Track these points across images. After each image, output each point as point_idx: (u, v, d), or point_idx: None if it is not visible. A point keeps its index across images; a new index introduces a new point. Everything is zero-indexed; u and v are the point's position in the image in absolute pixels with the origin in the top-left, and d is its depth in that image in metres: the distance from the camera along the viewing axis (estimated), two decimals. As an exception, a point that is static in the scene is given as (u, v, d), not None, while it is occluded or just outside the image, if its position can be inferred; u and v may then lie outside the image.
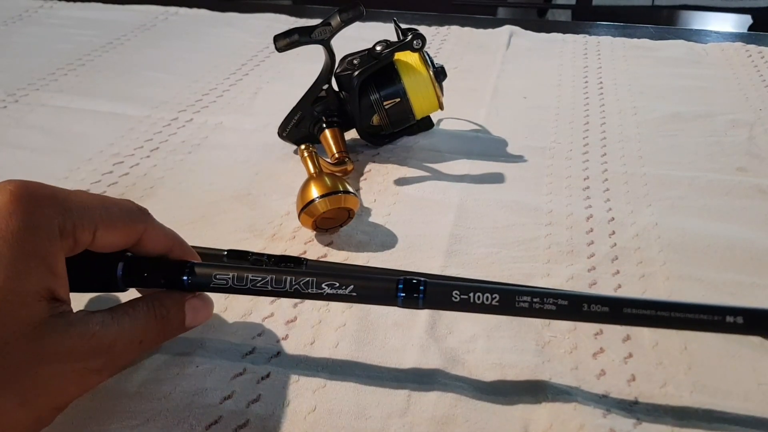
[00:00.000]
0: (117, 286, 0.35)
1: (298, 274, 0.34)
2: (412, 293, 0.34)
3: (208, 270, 0.35)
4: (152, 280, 0.35)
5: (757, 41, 0.87)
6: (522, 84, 0.76)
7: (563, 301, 0.33)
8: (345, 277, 0.34)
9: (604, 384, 0.37)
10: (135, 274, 0.35)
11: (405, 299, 0.34)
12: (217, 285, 0.35)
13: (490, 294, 0.33)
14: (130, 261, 0.35)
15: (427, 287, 0.34)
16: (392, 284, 0.34)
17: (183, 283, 0.35)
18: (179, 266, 0.35)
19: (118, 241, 0.34)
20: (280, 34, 0.53)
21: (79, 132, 0.65)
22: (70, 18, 0.95)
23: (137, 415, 0.35)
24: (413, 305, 0.34)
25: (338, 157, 0.55)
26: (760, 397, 0.37)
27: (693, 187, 0.56)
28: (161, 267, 0.36)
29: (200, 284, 0.35)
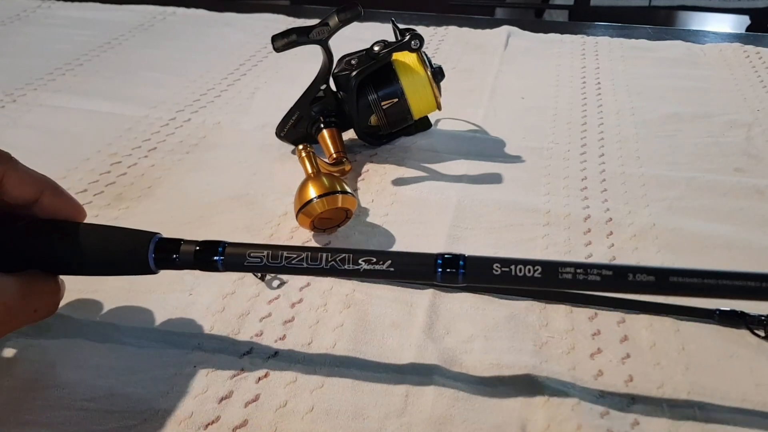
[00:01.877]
0: (149, 268, 0.35)
1: (334, 251, 0.34)
2: (452, 268, 0.33)
3: (241, 249, 0.35)
4: (183, 262, 0.35)
5: (754, 42, 0.87)
6: (520, 84, 0.76)
7: (608, 271, 0.32)
8: (382, 253, 0.33)
9: (602, 384, 0.38)
10: (166, 256, 0.35)
11: (444, 275, 0.33)
12: (251, 263, 0.34)
13: (532, 266, 0.32)
14: (160, 243, 0.35)
15: (467, 261, 0.33)
16: (431, 259, 0.33)
17: (216, 264, 0.34)
18: (211, 247, 0.35)
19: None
20: (277, 35, 0.53)
21: (76, 132, 0.65)
22: (68, 18, 0.95)
23: (135, 415, 0.35)
24: (452, 280, 0.33)
25: (336, 158, 0.55)
26: (757, 397, 0.37)
27: (691, 188, 0.56)
28: (192, 249, 0.35)
29: (234, 264, 0.35)
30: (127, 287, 0.44)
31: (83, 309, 0.42)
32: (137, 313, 0.42)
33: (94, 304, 0.42)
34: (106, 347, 0.39)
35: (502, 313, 0.42)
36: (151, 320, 0.42)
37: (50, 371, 0.38)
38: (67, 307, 0.42)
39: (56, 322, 0.40)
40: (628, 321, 0.42)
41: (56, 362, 0.38)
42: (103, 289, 0.44)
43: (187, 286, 0.44)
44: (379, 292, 0.44)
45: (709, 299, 0.42)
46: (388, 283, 0.44)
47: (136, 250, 0.35)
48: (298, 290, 0.44)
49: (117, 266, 0.36)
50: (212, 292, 0.44)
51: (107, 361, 0.38)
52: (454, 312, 0.43)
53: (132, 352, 0.39)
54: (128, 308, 0.42)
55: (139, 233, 0.36)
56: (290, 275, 0.44)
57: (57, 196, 0.36)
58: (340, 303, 0.43)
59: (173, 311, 0.42)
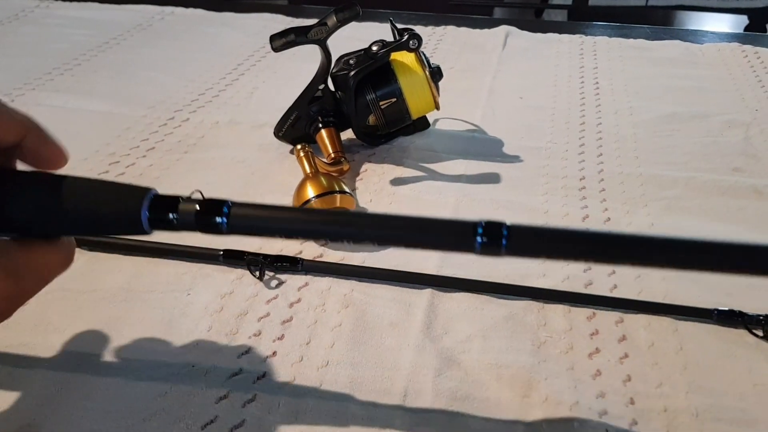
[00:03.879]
0: (141, 227, 0.31)
1: (357, 233, 0.30)
2: (494, 238, 0.28)
3: (249, 212, 0.32)
4: (181, 223, 0.31)
5: (753, 42, 0.87)
6: (518, 84, 0.76)
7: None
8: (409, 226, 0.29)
9: (600, 384, 0.38)
10: (162, 216, 0.31)
11: (484, 245, 0.28)
12: (261, 229, 0.32)
13: (585, 257, 0.29)
14: (155, 201, 0.31)
15: (511, 230, 0.29)
16: (468, 227, 0.29)
17: (220, 227, 0.31)
18: (215, 206, 0.31)
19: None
20: (276, 34, 0.53)
21: (75, 131, 0.65)
22: (67, 18, 0.95)
23: (133, 415, 0.35)
24: (494, 251, 0.29)
25: (334, 157, 0.55)
26: (755, 397, 0.37)
27: (689, 188, 0.56)
28: (193, 209, 0.31)
29: (240, 227, 0.32)
30: (126, 287, 0.44)
31: (81, 309, 0.42)
32: (135, 313, 0.42)
33: (93, 305, 0.42)
34: (105, 348, 0.39)
35: (501, 312, 0.42)
36: (149, 320, 0.42)
37: (48, 373, 0.38)
38: (64, 305, 0.42)
39: (55, 322, 0.40)
40: (627, 321, 0.42)
41: (54, 364, 0.38)
42: (101, 288, 0.44)
43: (186, 286, 0.44)
44: (378, 291, 0.44)
45: (708, 299, 0.43)
46: (386, 283, 0.44)
47: (127, 207, 0.31)
48: (296, 290, 0.44)
49: (104, 225, 0.32)
50: (210, 292, 0.44)
51: (106, 361, 0.38)
52: (453, 312, 0.43)
53: (130, 351, 0.39)
54: (127, 308, 0.42)
55: (132, 188, 0.31)
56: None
57: (41, 139, 0.33)
58: (338, 303, 0.43)
59: (171, 311, 0.42)
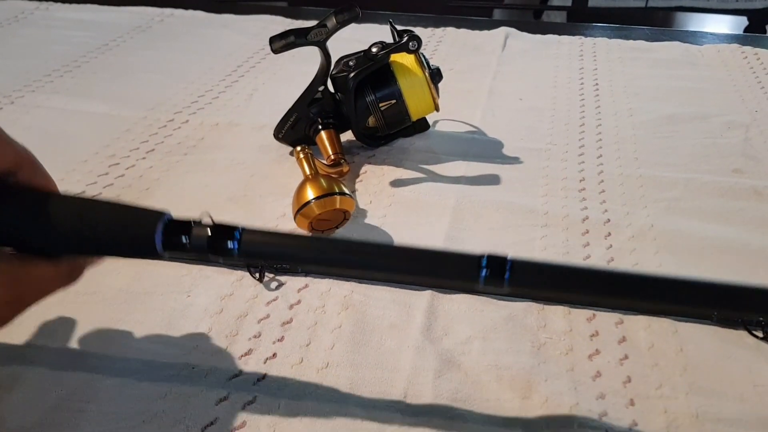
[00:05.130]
0: (155, 251, 0.31)
1: (365, 264, 0.31)
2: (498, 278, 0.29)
3: (259, 238, 0.31)
4: (194, 246, 0.31)
5: (752, 43, 0.88)
6: (518, 85, 0.76)
7: None
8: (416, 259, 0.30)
9: (600, 386, 0.38)
10: (175, 239, 0.31)
11: (487, 278, 0.29)
12: (271, 256, 0.32)
13: (586, 295, 0.31)
14: (169, 224, 0.31)
15: (514, 266, 0.29)
16: (474, 261, 0.29)
17: (231, 251, 0.31)
18: (227, 232, 0.31)
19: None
20: (275, 36, 0.53)
21: (74, 133, 0.65)
22: (66, 20, 0.95)
23: (134, 416, 0.35)
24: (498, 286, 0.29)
25: (334, 159, 0.55)
26: (755, 398, 0.37)
27: (689, 189, 0.56)
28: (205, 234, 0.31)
29: (250, 253, 0.31)
30: (125, 289, 0.44)
31: (81, 310, 0.42)
32: (135, 315, 0.42)
33: (93, 306, 0.42)
34: (104, 350, 0.39)
35: (501, 314, 0.42)
36: (149, 322, 0.42)
37: (48, 375, 0.38)
38: (64, 307, 0.42)
39: (55, 323, 0.40)
40: (627, 322, 0.42)
41: (55, 365, 0.38)
42: (101, 290, 0.44)
43: (186, 288, 0.44)
44: (378, 293, 0.44)
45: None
46: (386, 285, 0.44)
47: (142, 231, 0.31)
48: (296, 292, 0.44)
49: (119, 247, 0.32)
50: (210, 294, 0.44)
51: (105, 363, 0.38)
52: (453, 313, 0.43)
53: (130, 354, 0.39)
54: (126, 310, 0.42)
55: (146, 212, 0.32)
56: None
57: (34, 169, 0.33)
58: (338, 304, 0.43)
59: (171, 313, 0.42)
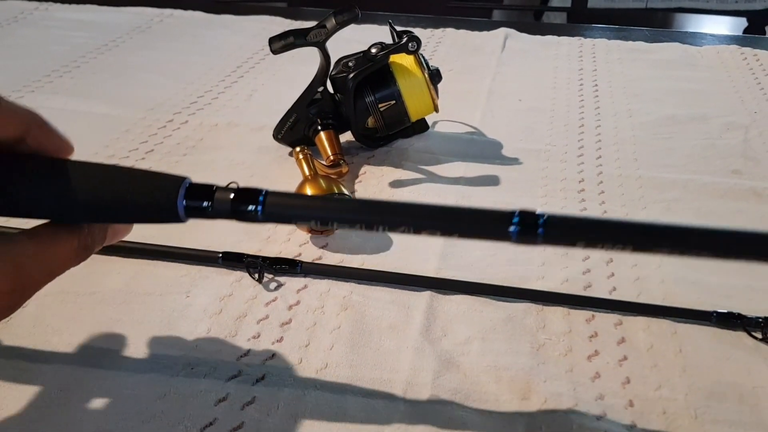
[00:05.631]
0: (177, 215, 0.31)
1: (393, 222, 0.31)
2: (530, 231, 0.29)
3: (284, 208, 0.31)
4: (217, 211, 0.30)
5: (752, 44, 0.88)
6: (517, 86, 0.76)
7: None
8: (447, 222, 0.31)
9: (599, 387, 0.38)
10: (197, 204, 0.30)
11: (520, 236, 0.29)
12: (298, 223, 0.32)
13: (623, 245, 0.28)
14: (191, 188, 0.31)
15: (547, 222, 0.29)
16: (505, 219, 0.29)
17: (255, 214, 0.30)
18: (250, 195, 0.30)
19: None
20: (275, 37, 0.53)
21: (74, 134, 0.63)
22: (66, 20, 0.95)
23: (132, 417, 0.35)
24: (531, 241, 0.29)
25: (333, 160, 0.55)
26: (754, 399, 0.37)
27: (688, 190, 0.56)
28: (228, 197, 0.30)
29: (276, 215, 0.31)
30: (124, 289, 0.44)
31: (80, 310, 0.42)
32: (134, 315, 0.42)
33: (92, 306, 0.42)
34: (103, 350, 0.39)
35: (500, 315, 0.42)
36: (148, 322, 0.41)
37: (48, 375, 0.38)
38: (63, 307, 0.42)
39: (54, 324, 0.40)
40: (626, 323, 0.42)
41: (54, 367, 0.38)
42: (99, 290, 0.44)
43: (185, 288, 0.44)
44: (377, 294, 0.44)
45: (707, 302, 0.43)
46: (385, 285, 0.45)
47: (163, 195, 0.31)
48: (295, 292, 0.44)
49: (140, 212, 0.32)
50: (209, 294, 0.44)
51: (105, 363, 0.38)
52: (452, 314, 0.43)
53: (129, 354, 0.39)
54: (125, 310, 0.42)
55: (167, 176, 0.31)
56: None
57: (44, 132, 0.32)
58: (337, 305, 0.43)
59: (171, 313, 0.42)
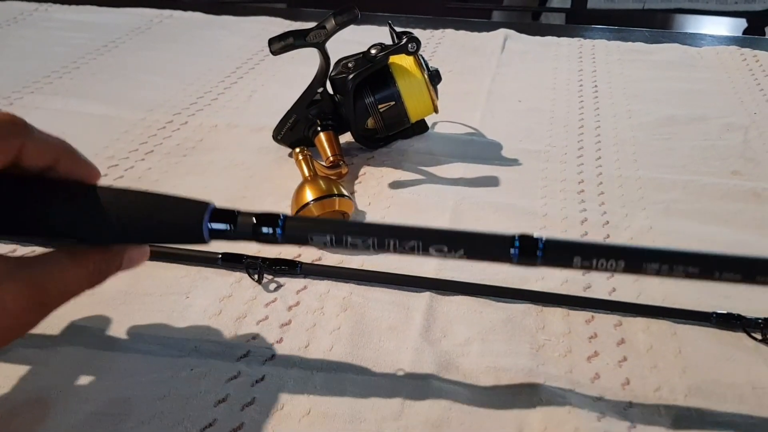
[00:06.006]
0: (201, 237, 0.33)
1: (402, 235, 0.32)
2: (530, 253, 0.31)
3: (303, 226, 0.33)
4: (239, 233, 0.33)
5: (751, 45, 0.88)
6: (517, 87, 0.76)
7: (693, 269, 0.30)
8: (454, 239, 0.32)
9: (599, 387, 0.38)
10: (220, 227, 0.32)
11: (521, 258, 0.31)
12: (313, 244, 0.33)
13: (615, 261, 0.31)
14: (214, 212, 0.33)
15: (546, 246, 0.31)
16: (507, 244, 0.31)
17: (276, 239, 0.32)
18: (270, 219, 0.32)
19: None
20: (274, 37, 0.53)
21: (73, 135, 0.63)
22: (65, 21, 0.95)
23: (132, 417, 0.35)
24: (530, 263, 0.31)
25: (333, 161, 0.55)
26: (754, 400, 0.37)
27: (687, 191, 0.56)
28: (250, 221, 0.32)
29: (294, 238, 0.33)
30: (125, 290, 0.44)
31: (79, 311, 0.42)
32: (134, 316, 0.42)
33: (91, 307, 0.42)
34: (103, 351, 0.39)
35: (499, 316, 0.42)
36: (148, 323, 0.41)
37: (48, 377, 0.38)
38: (65, 311, 0.42)
39: (54, 326, 0.40)
40: (625, 324, 0.42)
41: (55, 368, 0.38)
42: (99, 291, 0.43)
43: (185, 289, 0.44)
44: (376, 295, 0.44)
45: (706, 302, 0.43)
46: (385, 286, 0.44)
47: (190, 219, 0.33)
48: (294, 293, 0.44)
49: (166, 234, 0.34)
50: (209, 295, 0.44)
51: (104, 364, 0.38)
52: (451, 315, 0.43)
53: (129, 355, 0.39)
54: (125, 311, 0.42)
55: (192, 202, 0.33)
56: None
57: (73, 160, 0.34)
58: (337, 306, 0.43)
59: (170, 314, 0.42)
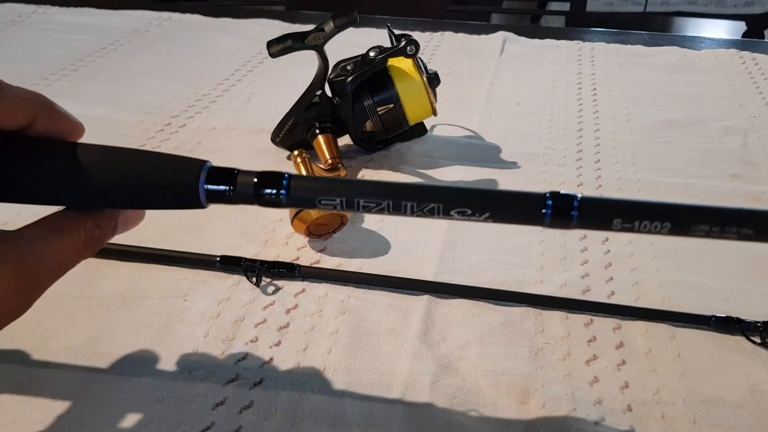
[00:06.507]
0: (198, 200, 0.30)
1: (421, 197, 0.29)
2: (564, 213, 0.28)
3: (309, 184, 0.31)
4: (239, 195, 0.31)
5: (750, 48, 0.88)
6: (516, 90, 0.76)
7: (748, 230, 0.29)
8: (480, 199, 0.29)
9: (598, 391, 0.37)
10: (218, 188, 0.31)
11: (554, 219, 0.28)
12: (321, 207, 0.31)
13: (660, 223, 0.29)
14: (211, 171, 0.30)
15: (582, 205, 0.28)
16: (539, 203, 0.28)
17: (279, 199, 0.30)
18: (274, 178, 0.31)
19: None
20: (273, 40, 0.53)
21: None
22: (64, 23, 0.95)
23: (130, 421, 0.35)
24: (564, 225, 0.28)
25: (331, 163, 0.55)
26: (753, 404, 0.37)
27: (687, 194, 0.56)
28: (251, 181, 0.31)
29: (300, 200, 0.31)
30: (122, 293, 0.44)
31: (77, 314, 0.42)
32: (132, 319, 0.42)
33: (89, 310, 0.42)
34: (101, 353, 0.39)
35: (498, 319, 0.42)
36: (145, 326, 0.41)
37: (46, 379, 0.37)
38: (60, 311, 0.42)
39: (52, 327, 0.40)
40: (624, 327, 0.42)
41: (51, 370, 0.38)
42: (97, 294, 0.44)
43: (183, 292, 0.44)
44: (375, 298, 0.44)
45: (705, 306, 0.43)
46: (383, 290, 0.44)
47: (183, 179, 0.30)
48: (293, 296, 0.44)
49: (158, 196, 0.31)
50: (207, 298, 0.44)
51: (102, 366, 0.38)
52: (450, 318, 0.42)
53: (126, 357, 0.39)
54: (123, 314, 0.42)
55: (186, 159, 0.31)
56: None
57: (52, 116, 0.32)
58: (335, 309, 0.43)
59: (168, 317, 0.42)
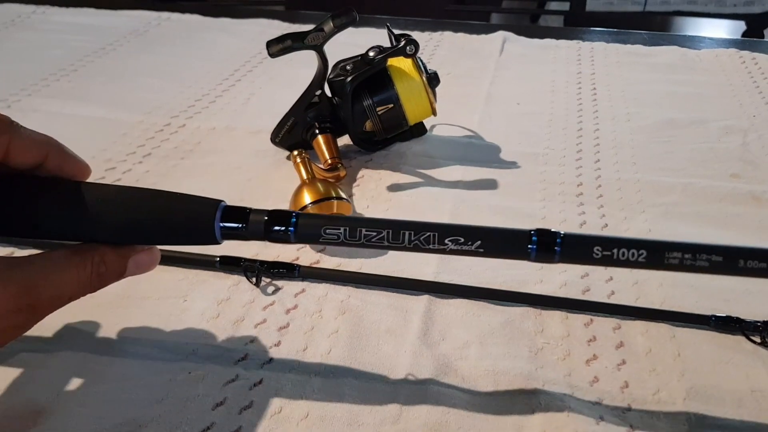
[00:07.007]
0: (213, 237, 0.32)
1: (417, 228, 0.31)
2: (548, 248, 0.30)
3: (315, 221, 0.32)
4: (251, 232, 0.32)
5: (750, 47, 0.88)
6: (515, 90, 0.76)
7: (717, 257, 0.31)
8: (470, 231, 0.31)
9: (598, 391, 0.37)
10: (232, 226, 0.33)
11: (539, 253, 0.31)
12: (326, 239, 0.32)
13: (636, 250, 0.30)
14: (226, 211, 0.33)
15: (564, 241, 0.31)
16: (524, 238, 0.31)
17: (288, 236, 0.32)
18: (283, 217, 0.32)
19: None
20: (273, 40, 0.53)
21: (71, 138, 0.63)
22: (63, 23, 0.95)
23: (129, 421, 0.35)
24: (548, 260, 0.31)
25: (331, 163, 0.55)
26: (753, 403, 0.37)
27: (686, 194, 0.56)
28: (262, 219, 0.33)
29: (307, 236, 0.32)
30: (122, 293, 0.44)
31: (77, 314, 0.42)
32: (132, 320, 0.42)
33: (89, 311, 0.42)
34: (100, 355, 0.39)
35: (498, 319, 0.42)
36: (145, 327, 0.41)
37: (46, 381, 0.37)
38: (62, 314, 0.42)
39: (50, 329, 0.40)
40: (624, 327, 0.42)
41: (52, 371, 0.38)
42: (97, 295, 0.43)
43: (182, 292, 0.44)
44: (374, 298, 0.44)
45: (705, 306, 0.43)
46: (383, 289, 0.44)
47: (200, 217, 0.32)
48: (293, 296, 0.44)
49: (174, 234, 0.33)
50: (207, 299, 0.44)
51: (102, 367, 0.38)
52: (450, 318, 0.42)
53: (126, 358, 0.39)
54: (123, 314, 0.42)
55: (200, 199, 0.33)
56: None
57: (62, 157, 0.34)
58: (335, 309, 0.43)
59: (168, 317, 0.42)
